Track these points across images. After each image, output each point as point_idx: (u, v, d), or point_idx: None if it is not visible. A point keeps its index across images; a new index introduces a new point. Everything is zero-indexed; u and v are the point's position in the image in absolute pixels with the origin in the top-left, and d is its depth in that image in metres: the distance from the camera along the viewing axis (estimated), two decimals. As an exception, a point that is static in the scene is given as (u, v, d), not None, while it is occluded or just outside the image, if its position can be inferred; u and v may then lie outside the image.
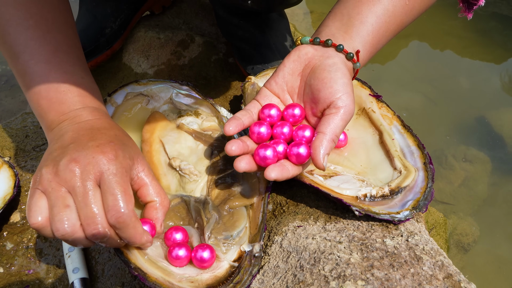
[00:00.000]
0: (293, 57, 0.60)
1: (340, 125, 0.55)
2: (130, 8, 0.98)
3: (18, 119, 0.94)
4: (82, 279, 0.60)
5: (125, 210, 0.49)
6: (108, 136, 0.53)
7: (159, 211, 0.55)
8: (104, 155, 0.50)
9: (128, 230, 0.50)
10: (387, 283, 0.50)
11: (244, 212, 0.63)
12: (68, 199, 0.49)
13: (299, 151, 0.55)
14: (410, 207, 0.60)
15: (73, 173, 0.49)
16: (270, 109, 0.59)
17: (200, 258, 0.55)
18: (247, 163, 0.56)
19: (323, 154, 0.53)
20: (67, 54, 0.59)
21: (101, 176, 0.49)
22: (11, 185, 0.70)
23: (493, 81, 1.36)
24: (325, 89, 0.56)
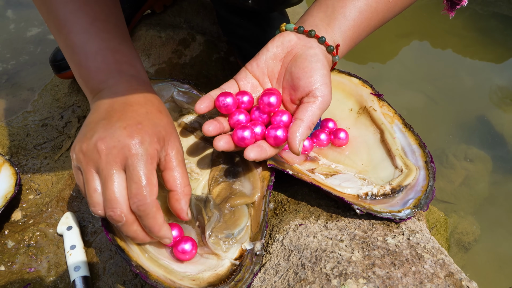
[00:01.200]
0: (277, 43, 0.62)
1: (317, 113, 0.57)
2: (131, 7, 0.98)
3: (19, 118, 0.94)
4: (84, 277, 0.60)
5: (147, 199, 0.50)
6: (138, 115, 0.53)
7: (181, 201, 0.54)
8: (130, 139, 0.50)
9: (148, 219, 0.51)
10: (388, 282, 0.50)
11: (245, 210, 0.63)
12: (96, 183, 0.51)
13: (276, 133, 0.58)
14: (411, 206, 0.60)
15: (99, 154, 0.50)
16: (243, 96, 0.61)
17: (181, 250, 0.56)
18: (225, 142, 0.57)
19: (299, 139, 0.56)
20: (105, 22, 0.59)
21: (126, 161, 0.50)
22: (12, 183, 0.70)
23: (494, 80, 1.36)
24: (305, 78, 0.58)
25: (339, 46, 0.60)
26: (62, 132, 0.89)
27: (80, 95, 0.95)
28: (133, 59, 0.60)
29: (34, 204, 0.74)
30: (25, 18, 1.37)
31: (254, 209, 0.63)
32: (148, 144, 0.51)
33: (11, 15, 1.39)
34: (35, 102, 0.99)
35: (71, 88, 0.97)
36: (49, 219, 0.70)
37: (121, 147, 0.50)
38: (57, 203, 0.72)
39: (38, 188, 0.76)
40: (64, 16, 0.58)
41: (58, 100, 0.96)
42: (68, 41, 0.58)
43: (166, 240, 0.54)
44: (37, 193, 0.76)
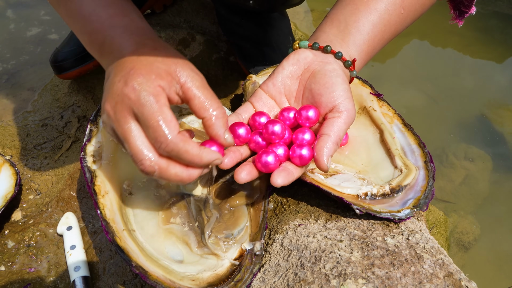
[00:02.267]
0: (292, 61, 0.60)
1: (343, 128, 0.55)
2: (131, 6, 0.98)
3: (19, 118, 0.94)
4: (84, 277, 0.60)
5: (168, 138, 0.47)
6: (129, 63, 0.51)
7: (216, 125, 0.51)
8: (126, 87, 0.48)
9: (182, 155, 0.48)
10: (387, 282, 0.50)
11: (245, 210, 0.63)
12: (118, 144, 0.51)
13: (302, 152, 0.55)
14: (411, 206, 0.60)
15: (109, 116, 0.50)
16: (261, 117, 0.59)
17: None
18: (248, 174, 0.54)
19: (327, 155, 0.53)
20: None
21: (132, 110, 0.48)
22: (12, 183, 0.70)
23: (494, 80, 1.36)
24: (327, 93, 0.56)
25: (355, 61, 0.59)
26: (62, 132, 0.89)
27: (80, 95, 0.95)
28: (125, 8, 0.57)
29: (34, 204, 0.74)
30: (25, 18, 1.37)
31: (253, 209, 0.63)
32: (146, 84, 0.48)
33: (11, 15, 1.39)
34: (35, 102, 0.99)
35: (71, 88, 0.97)
36: (49, 219, 0.70)
37: (121, 99, 0.48)
38: (57, 203, 0.72)
39: (38, 188, 0.76)
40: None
41: (58, 100, 0.97)
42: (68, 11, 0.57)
43: (216, 161, 0.51)
44: (37, 193, 0.76)
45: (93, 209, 0.71)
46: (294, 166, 0.56)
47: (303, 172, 0.64)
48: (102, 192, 0.60)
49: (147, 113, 0.47)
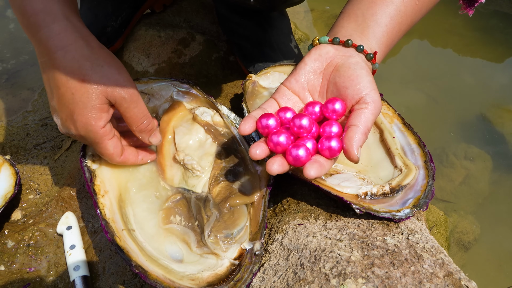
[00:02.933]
0: (314, 56, 0.61)
1: (371, 119, 0.55)
2: (131, 6, 0.98)
3: (19, 117, 0.94)
4: (83, 277, 0.60)
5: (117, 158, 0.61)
6: (68, 104, 0.56)
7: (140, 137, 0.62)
8: (76, 132, 0.57)
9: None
10: (387, 281, 0.50)
11: (245, 210, 0.63)
12: None
13: (331, 144, 0.54)
14: (411, 205, 0.60)
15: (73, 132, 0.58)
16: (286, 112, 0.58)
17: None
18: (280, 165, 0.54)
19: (356, 146, 0.53)
20: None
21: (84, 137, 0.58)
22: (12, 183, 0.70)
23: (494, 79, 1.36)
24: (352, 86, 0.57)
25: (377, 53, 0.60)
26: (62, 131, 0.89)
27: (80, 94, 0.95)
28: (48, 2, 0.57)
29: (34, 203, 0.74)
30: (25, 17, 1.37)
31: (253, 209, 0.63)
32: (91, 128, 0.57)
33: (11, 15, 1.39)
34: (35, 101, 0.99)
35: (71, 88, 0.97)
36: (49, 218, 0.70)
37: (79, 136, 0.58)
38: (56, 202, 0.72)
39: (38, 187, 0.76)
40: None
41: (58, 100, 0.96)
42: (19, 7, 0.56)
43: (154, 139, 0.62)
44: (37, 192, 0.76)
45: (92, 208, 0.71)
46: (325, 158, 0.55)
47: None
48: (101, 191, 0.60)
49: (90, 139, 0.58)
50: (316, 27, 1.44)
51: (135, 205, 0.62)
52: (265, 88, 0.79)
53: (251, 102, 0.76)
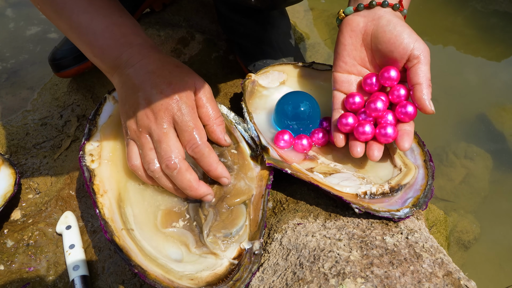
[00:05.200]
0: (347, 33, 0.64)
1: (427, 69, 0.59)
2: (131, 5, 0.98)
3: (18, 117, 0.94)
4: (83, 276, 0.60)
5: (199, 141, 0.60)
6: (164, 78, 0.60)
7: (216, 131, 0.64)
8: (170, 99, 0.58)
9: (204, 159, 0.60)
10: (386, 281, 0.50)
11: (244, 209, 0.62)
12: (151, 143, 0.59)
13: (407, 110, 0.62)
14: (410, 205, 0.60)
15: (149, 120, 0.59)
16: (354, 98, 0.65)
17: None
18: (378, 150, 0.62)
19: (428, 100, 0.59)
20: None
21: (173, 118, 0.59)
22: (12, 182, 0.70)
23: (494, 78, 1.36)
24: (396, 48, 0.60)
25: (402, 1, 0.62)
26: (61, 131, 0.89)
27: (80, 94, 0.95)
28: (136, 29, 0.65)
29: (33, 203, 0.74)
30: (25, 17, 1.37)
31: (252, 209, 0.62)
32: (186, 98, 0.60)
33: (11, 14, 1.39)
34: (35, 101, 0.99)
35: (70, 87, 0.97)
36: (48, 218, 0.70)
37: (165, 108, 0.58)
38: (56, 202, 0.72)
39: (38, 187, 0.76)
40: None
41: (57, 99, 0.96)
42: (72, 23, 0.61)
43: (224, 179, 0.62)
44: (37, 192, 0.76)
45: (92, 208, 0.71)
46: (407, 124, 0.63)
47: (302, 172, 0.64)
48: (101, 191, 0.60)
49: (186, 121, 0.59)
50: (316, 26, 1.44)
51: (134, 205, 0.62)
52: (264, 87, 0.79)
53: (250, 101, 0.76)
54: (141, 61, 0.61)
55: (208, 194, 0.60)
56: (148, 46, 0.64)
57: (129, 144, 0.61)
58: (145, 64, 0.61)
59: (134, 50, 0.62)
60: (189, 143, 0.59)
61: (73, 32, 0.62)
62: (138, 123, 0.59)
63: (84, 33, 0.61)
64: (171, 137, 0.59)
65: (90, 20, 0.61)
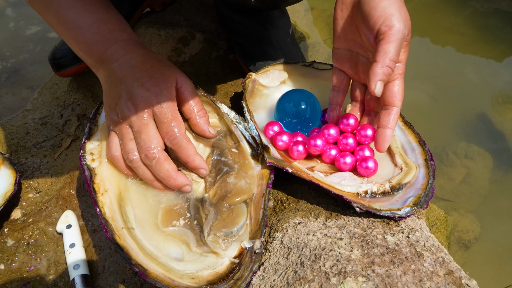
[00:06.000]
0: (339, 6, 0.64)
1: (391, 47, 0.56)
2: (131, 5, 0.98)
3: (18, 116, 0.94)
4: (83, 275, 0.60)
5: (178, 133, 0.60)
6: (146, 72, 0.61)
7: (199, 123, 0.65)
8: (150, 92, 0.59)
9: (182, 150, 0.61)
10: (388, 280, 0.50)
11: (244, 208, 0.62)
12: (131, 134, 0.60)
13: (367, 165, 0.65)
14: (411, 204, 0.60)
15: (130, 111, 0.59)
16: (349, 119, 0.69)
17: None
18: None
19: (376, 79, 0.57)
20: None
21: (152, 110, 0.60)
22: (12, 182, 0.70)
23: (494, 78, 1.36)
24: (367, 22, 0.59)
25: None
26: (61, 130, 0.89)
27: (80, 93, 0.95)
28: (122, 25, 0.66)
29: (33, 202, 0.73)
30: (25, 16, 1.37)
31: (253, 208, 0.62)
32: (166, 91, 0.61)
33: (11, 13, 1.39)
34: (35, 100, 0.99)
35: (70, 87, 0.97)
36: (49, 217, 0.70)
37: (145, 100, 0.59)
38: (56, 201, 0.72)
39: (38, 186, 0.76)
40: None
41: (57, 99, 0.96)
42: (59, 17, 0.63)
43: (202, 171, 0.63)
44: (37, 191, 0.75)
45: (92, 207, 0.71)
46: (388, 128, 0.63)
47: (303, 171, 0.64)
48: (101, 190, 0.60)
49: (166, 113, 0.60)
50: (316, 25, 1.44)
51: (135, 204, 0.62)
52: (265, 87, 0.78)
53: (251, 101, 0.76)
54: (125, 56, 0.63)
55: (186, 184, 0.61)
56: (133, 42, 0.65)
57: (110, 135, 0.62)
58: (128, 59, 0.62)
59: (119, 46, 0.63)
60: (167, 134, 0.60)
61: (60, 27, 0.64)
62: (119, 114, 0.60)
63: (70, 28, 0.63)
64: (150, 128, 0.59)
65: (77, 15, 0.62)
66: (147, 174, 0.61)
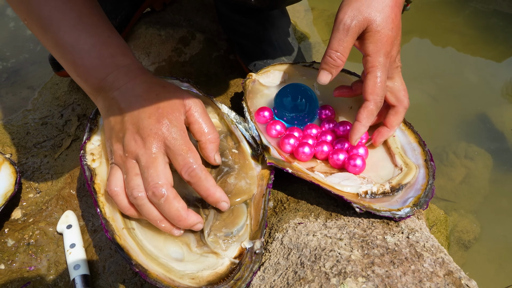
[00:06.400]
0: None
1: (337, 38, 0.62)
2: (131, 5, 0.98)
3: (19, 116, 0.94)
4: (83, 275, 0.60)
5: (195, 164, 0.56)
6: (152, 102, 0.57)
7: (209, 149, 0.61)
8: (160, 124, 0.56)
9: (201, 183, 0.56)
10: (387, 280, 0.50)
11: (244, 209, 0.62)
12: (137, 168, 0.56)
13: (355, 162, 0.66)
14: (411, 204, 0.60)
15: (138, 145, 0.55)
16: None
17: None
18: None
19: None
20: (90, 16, 0.60)
21: (164, 143, 0.56)
22: (12, 182, 0.70)
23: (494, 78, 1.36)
24: None
25: None
26: (62, 130, 0.89)
27: (80, 93, 0.95)
28: (124, 49, 0.62)
29: (34, 202, 0.74)
30: (25, 16, 1.36)
31: (253, 208, 0.62)
32: (175, 121, 0.57)
33: (11, 13, 1.39)
34: (35, 100, 0.99)
35: (71, 87, 0.97)
36: (49, 217, 0.70)
37: (154, 133, 0.55)
38: (57, 201, 0.72)
39: (38, 186, 0.76)
40: (49, 14, 0.58)
41: (58, 99, 0.96)
42: (58, 40, 0.59)
43: (223, 204, 0.59)
44: (37, 191, 0.76)
45: (93, 207, 0.71)
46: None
47: (303, 171, 0.64)
48: (102, 190, 0.60)
49: (179, 145, 0.56)
50: (316, 26, 1.44)
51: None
52: (265, 86, 0.79)
53: (251, 101, 0.76)
54: (127, 84, 0.59)
55: (198, 223, 0.57)
56: (135, 68, 0.61)
57: (112, 169, 0.58)
58: (131, 87, 0.59)
59: (120, 72, 0.59)
60: (184, 167, 0.56)
61: (58, 50, 0.60)
62: (125, 148, 0.56)
63: (69, 51, 0.59)
64: (159, 162, 0.55)
65: (77, 38, 0.59)
66: (152, 213, 0.56)
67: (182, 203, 0.56)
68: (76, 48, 0.58)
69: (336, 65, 0.62)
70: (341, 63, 0.62)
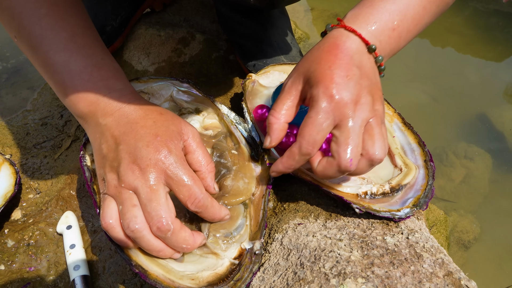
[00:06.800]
0: None
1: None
2: (131, 5, 0.98)
3: (19, 117, 0.94)
4: (83, 276, 0.60)
5: (200, 194, 0.54)
6: (149, 129, 0.54)
7: (208, 179, 0.58)
8: (159, 153, 0.52)
9: (208, 210, 0.55)
10: (387, 281, 0.50)
11: (241, 209, 0.62)
12: (134, 199, 0.52)
13: None
14: (411, 205, 0.60)
15: (135, 176, 0.52)
16: None
17: None
18: None
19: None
20: (83, 37, 0.58)
21: (165, 173, 0.52)
22: (12, 182, 0.70)
23: (494, 78, 1.36)
24: None
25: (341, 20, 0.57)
26: (62, 131, 0.89)
27: (80, 94, 0.95)
28: (116, 72, 0.59)
29: (34, 203, 0.74)
30: (25, 16, 1.36)
31: (253, 208, 0.62)
32: (175, 149, 0.54)
33: (11, 14, 1.39)
34: (35, 101, 0.99)
35: (70, 87, 0.97)
36: (49, 218, 0.70)
37: (154, 163, 0.52)
38: (56, 202, 0.72)
39: (38, 187, 0.76)
40: (40, 32, 0.55)
41: (58, 99, 0.96)
42: (48, 59, 0.56)
43: (226, 217, 0.58)
44: (37, 192, 0.76)
45: (92, 208, 0.71)
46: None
47: (302, 172, 0.64)
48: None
49: (182, 175, 0.53)
50: (316, 26, 1.44)
51: None
52: (265, 87, 0.79)
53: (251, 101, 0.76)
54: (120, 110, 0.56)
55: (203, 242, 0.57)
56: (129, 93, 0.58)
57: (105, 200, 0.53)
58: (125, 113, 0.55)
59: (113, 96, 0.56)
60: (189, 198, 0.53)
61: (47, 70, 0.57)
62: (121, 178, 0.52)
63: (59, 71, 0.56)
64: (161, 194, 0.52)
65: (68, 58, 0.56)
66: (152, 245, 0.53)
67: (187, 230, 0.54)
68: (67, 69, 0.56)
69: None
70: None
